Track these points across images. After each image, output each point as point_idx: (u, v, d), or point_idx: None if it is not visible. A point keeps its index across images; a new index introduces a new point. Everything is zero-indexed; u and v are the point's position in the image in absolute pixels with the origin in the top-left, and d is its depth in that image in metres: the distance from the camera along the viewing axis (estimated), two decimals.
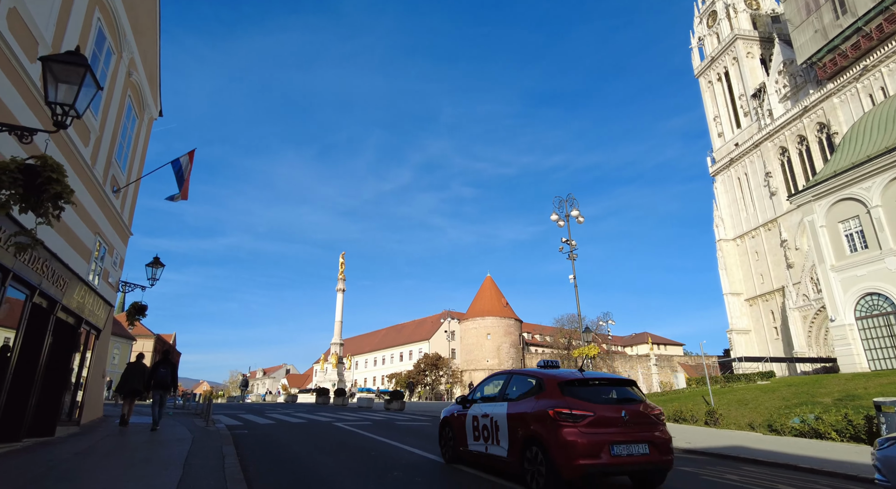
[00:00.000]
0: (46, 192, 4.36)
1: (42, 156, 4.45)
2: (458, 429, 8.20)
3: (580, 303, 32.73)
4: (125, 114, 12.63)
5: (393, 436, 11.56)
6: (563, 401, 6.25)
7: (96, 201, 11.09)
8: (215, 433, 10.93)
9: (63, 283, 8.86)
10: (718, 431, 13.70)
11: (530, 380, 7.17)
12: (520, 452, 6.55)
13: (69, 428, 10.35)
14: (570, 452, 5.88)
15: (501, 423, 6.99)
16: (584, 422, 6.04)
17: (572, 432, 5.97)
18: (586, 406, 6.17)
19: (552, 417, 6.14)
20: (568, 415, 6.08)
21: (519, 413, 6.75)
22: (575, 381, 6.57)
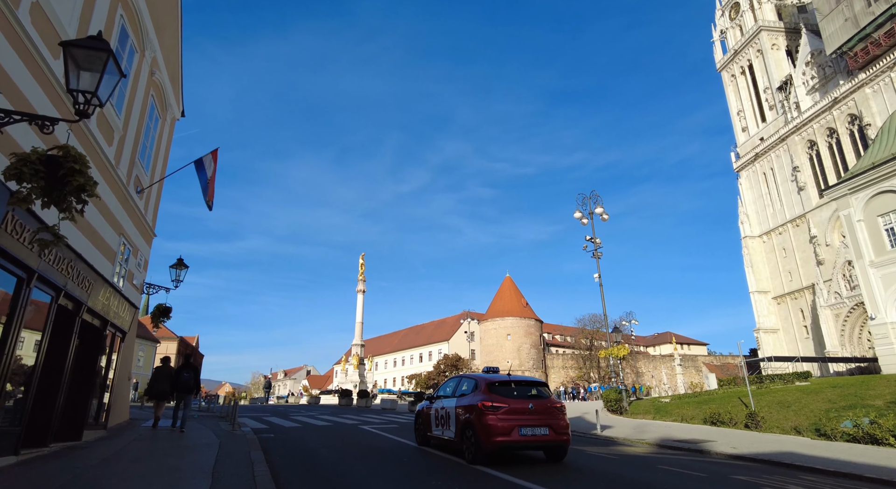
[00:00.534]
0: (69, 185, 4.07)
1: (64, 146, 4.18)
2: (425, 419, 10.58)
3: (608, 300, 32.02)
4: (148, 113, 12.50)
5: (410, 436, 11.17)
6: (489, 397, 8.57)
7: (120, 202, 10.95)
8: (242, 437, 10.70)
9: (88, 285, 8.68)
10: (761, 435, 13.04)
11: (472, 382, 9.52)
12: (461, 434, 8.83)
13: (96, 432, 10.20)
14: (489, 432, 8.14)
15: (452, 414, 9.34)
16: (500, 411, 8.30)
17: (492, 418, 8.22)
18: (504, 400, 8.50)
19: (480, 408, 8.42)
20: (490, 406, 8.36)
21: (462, 405, 9.04)
22: (498, 383, 8.98)
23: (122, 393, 12.91)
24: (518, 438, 8.17)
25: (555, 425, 8.51)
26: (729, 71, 70.11)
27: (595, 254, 31.80)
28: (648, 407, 20.54)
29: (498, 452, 8.27)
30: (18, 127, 5.63)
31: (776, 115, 61.56)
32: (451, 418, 9.28)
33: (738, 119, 68.69)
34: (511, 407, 8.39)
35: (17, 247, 6.18)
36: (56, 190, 4.12)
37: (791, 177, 58.28)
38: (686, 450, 11.01)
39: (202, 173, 12.56)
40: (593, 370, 67.50)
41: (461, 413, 8.93)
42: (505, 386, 8.93)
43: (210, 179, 12.49)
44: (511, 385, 9.01)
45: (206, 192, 12.55)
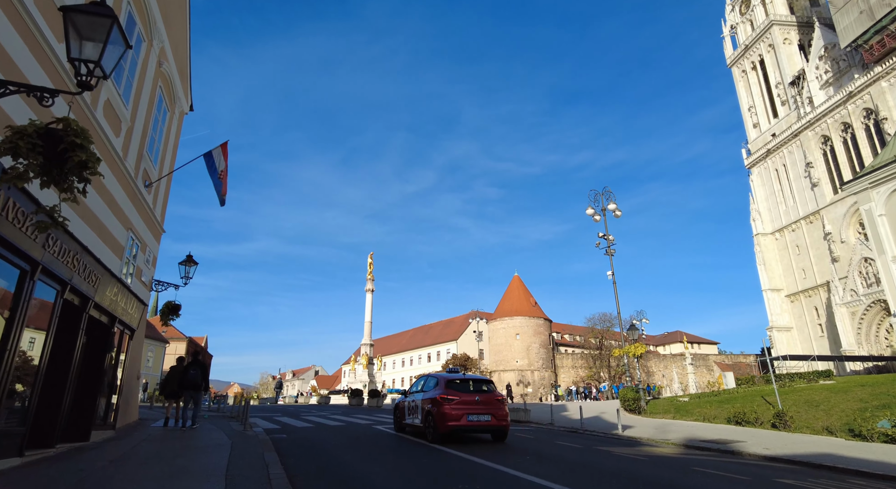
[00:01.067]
0: (69, 161, 3.70)
1: (64, 118, 3.79)
2: (401, 411, 12.93)
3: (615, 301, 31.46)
4: (156, 105, 12.18)
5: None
6: (446, 391, 10.87)
7: (128, 195, 10.62)
8: (254, 438, 10.34)
9: (95, 279, 8.34)
10: (791, 436, 12.52)
11: (434, 380, 11.84)
12: (425, 420, 11.01)
13: (104, 432, 9.87)
14: (444, 418, 10.36)
15: (419, 405, 11.56)
16: (453, 402, 10.59)
17: (447, 407, 10.47)
18: (457, 394, 10.82)
19: (438, 400, 10.68)
20: (446, 399, 10.63)
21: (426, 398, 11.29)
22: (454, 380, 11.36)
23: (130, 392, 12.60)
24: (466, 423, 10.53)
25: (496, 413, 10.89)
26: (739, 66, 69.18)
27: (608, 251, 31.31)
28: (667, 406, 20.03)
29: (450, 434, 10.58)
30: (12, 101, 5.27)
31: (788, 111, 60.65)
32: (419, 409, 11.60)
33: (749, 115, 67.74)
34: (462, 399, 10.77)
35: (19, 237, 5.84)
36: (56, 167, 3.75)
37: (804, 173, 57.37)
38: (716, 451, 10.53)
39: (212, 167, 12.21)
40: (603, 369, 66.81)
41: (425, 404, 11.21)
42: (459, 383, 11.37)
43: (221, 174, 12.13)
44: (463, 383, 11.42)
45: (220, 187, 12.19)
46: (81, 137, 3.73)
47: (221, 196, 12.25)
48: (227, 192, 12.35)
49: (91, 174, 3.92)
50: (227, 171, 12.24)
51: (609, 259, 31.23)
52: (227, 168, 12.33)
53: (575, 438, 12.76)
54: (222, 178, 12.25)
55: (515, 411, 17.89)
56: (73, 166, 3.73)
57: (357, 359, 45.89)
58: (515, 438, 12.08)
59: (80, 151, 3.71)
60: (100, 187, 8.96)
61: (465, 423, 10.49)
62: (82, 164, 3.75)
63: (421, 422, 11.31)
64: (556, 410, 18.61)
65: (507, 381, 69.54)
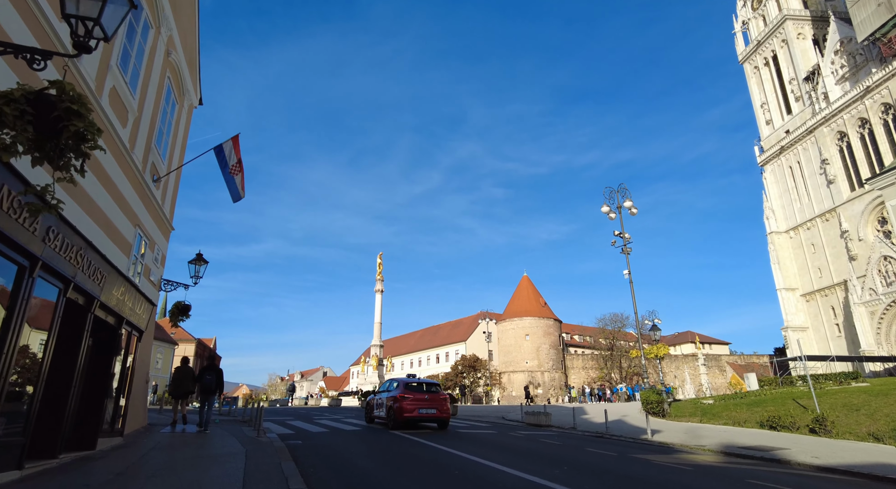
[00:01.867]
0: (65, 131, 3.13)
1: (57, 81, 3.22)
2: (370, 406, 16.50)
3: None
4: (164, 96, 11.66)
5: (466, 448, 10.16)
6: (404, 391, 14.20)
7: (135, 189, 10.10)
8: (268, 445, 9.77)
9: (101, 277, 7.81)
10: (836, 442, 11.81)
11: (396, 383, 15.26)
12: (387, 413, 14.29)
13: (112, 439, 9.34)
14: (401, 411, 13.64)
15: (384, 402, 14.90)
16: (409, 400, 13.90)
17: (404, 403, 13.77)
18: (412, 393, 14.19)
19: (398, 398, 13.94)
20: (404, 397, 13.94)
21: (389, 397, 14.58)
22: (410, 384, 14.82)
23: (139, 396, 12.08)
24: (418, 414, 13.97)
25: (440, 408, 14.39)
26: (751, 62, 68.10)
27: (624, 249, 30.59)
28: (691, 409, 19.31)
29: (405, 422, 13.93)
30: None
31: (803, 107, 59.56)
32: (384, 404, 15.05)
33: (761, 112, 66.65)
34: (415, 397, 14.24)
35: (16, 230, 5.30)
36: (49, 140, 3.18)
37: (819, 170, 56.28)
38: (759, 459, 9.87)
39: (223, 162, 11.67)
40: (615, 370, 65.92)
41: (388, 401, 14.63)
42: (415, 386, 14.93)
43: (233, 168, 11.58)
44: (418, 385, 15.06)
45: (233, 182, 11.63)
46: (78, 103, 3.16)
47: (238, 191, 11.68)
48: (244, 187, 11.76)
49: (90, 148, 3.35)
50: (241, 166, 11.67)
51: (626, 257, 30.55)
52: (242, 162, 11.76)
53: (604, 444, 12.10)
54: (234, 172, 11.69)
55: (535, 415, 17.26)
56: (70, 137, 3.16)
57: (367, 361, 45.39)
58: (542, 445, 11.46)
59: (77, 119, 3.14)
60: (105, 180, 8.43)
61: (417, 415, 14.01)
62: (79, 134, 3.18)
63: (385, 414, 14.84)
64: (576, 413, 17.95)
65: (517, 382, 68.86)
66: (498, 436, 13.38)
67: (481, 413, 25.42)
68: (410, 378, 15.89)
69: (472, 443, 11.12)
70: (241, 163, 11.64)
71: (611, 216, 31.29)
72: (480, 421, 19.28)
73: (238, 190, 11.65)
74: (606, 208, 31.67)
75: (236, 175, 11.56)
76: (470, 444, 10.87)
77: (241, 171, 11.58)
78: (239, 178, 11.54)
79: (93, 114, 3.35)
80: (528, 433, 14.37)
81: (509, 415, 22.14)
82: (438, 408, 14.28)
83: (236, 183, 11.60)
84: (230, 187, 11.75)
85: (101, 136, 3.40)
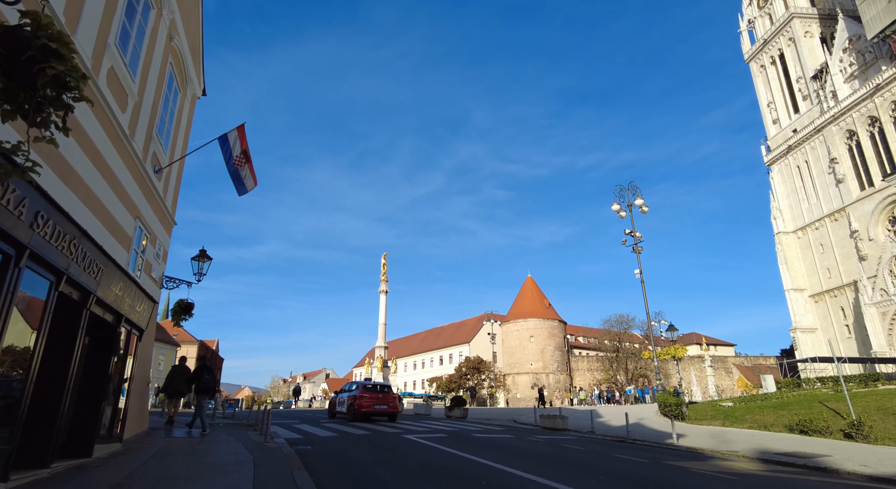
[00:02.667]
0: (42, 76, 2.52)
1: (32, 13, 2.59)
2: (333, 404, 21.05)
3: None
4: (167, 83, 11.07)
5: (488, 455, 9.52)
6: (361, 391, 18.65)
7: (135, 179, 9.51)
8: (277, 451, 9.15)
9: (97, 270, 7.20)
10: (880, 449, 11.13)
11: (355, 385, 19.82)
12: (348, 409, 18.57)
13: (110, 445, 8.72)
14: (360, 407, 17.98)
15: (346, 400, 19.21)
16: (366, 398, 18.30)
17: (361, 401, 18.13)
18: (367, 393, 18.54)
19: (357, 397, 18.35)
20: (361, 396, 18.33)
21: (350, 396, 18.89)
22: (367, 386, 19.38)
23: (139, 399, 11.45)
24: (372, 410, 18.08)
25: (391, 404, 18.75)
26: (758, 61, 67.48)
27: (635, 248, 29.92)
28: (711, 412, 18.64)
29: (363, 416, 17.99)
30: None
31: (810, 106, 58.93)
32: (345, 402, 19.32)
33: (768, 111, 66.01)
34: (371, 396, 18.39)
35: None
36: (23, 89, 2.57)
37: (828, 169, 55.62)
38: (802, 467, 9.22)
39: (227, 153, 11.06)
40: (620, 372, 65.15)
41: (349, 399, 18.86)
42: (370, 387, 19.23)
43: (238, 159, 10.96)
44: (373, 387, 19.40)
45: (237, 174, 11.01)
46: (58, 41, 2.54)
47: (243, 184, 11.05)
48: (255, 176, 11.14)
49: (75, 98, 2.73)
50: (248, 156, 11.03)
51: (637, 257, 29.90)
52: (249, 152, 11.13)
53: (631, 450, 11.46)
54: (239, 164, 11.07)
55: (551, 418, 16.60)
56: (48, 84, 2.54)
57: (370, 362, 44.73)
58: (567, 451, 10.82)
59: (57, 61, 2.52)
60: (103, 167, 7.84)
61: (372, 410, 18.31)
62: (59, 80, 2.56)
63: (346, 410, 19.17)
64: (591, 416, 17.29)
65: (521, 384, 68.09)
66: (516, 441, 12.72)
67: (491, 416, 24.75)
68: (367, 381, 21.31)
69: (493, 450, 10.48)
70: (248, 153, 11.02)
71: (621, 214, 30.63)
72: (492, 424, 18.64)
73: (243, 182, 11.02)
74: (617, 206, 31.03)
75: (241, 166, 10.93)
76: (491, 451, 10.23)
77: (249, 161, 10.95)
78: (246, 169, 10.91)
79: (76, 58, 2.73)
80: (546, 438, 13.71)
81: (520, 418, 21.48)
82: (389, 405, 18.99)
83: (241, 175, 10.97)
84: (234, 180, 11.12)
85: (85, 84, 2.78)
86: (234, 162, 11.09)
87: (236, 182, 11.11)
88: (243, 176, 10.95)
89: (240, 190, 11.19)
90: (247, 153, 10.97)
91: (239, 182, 10.97)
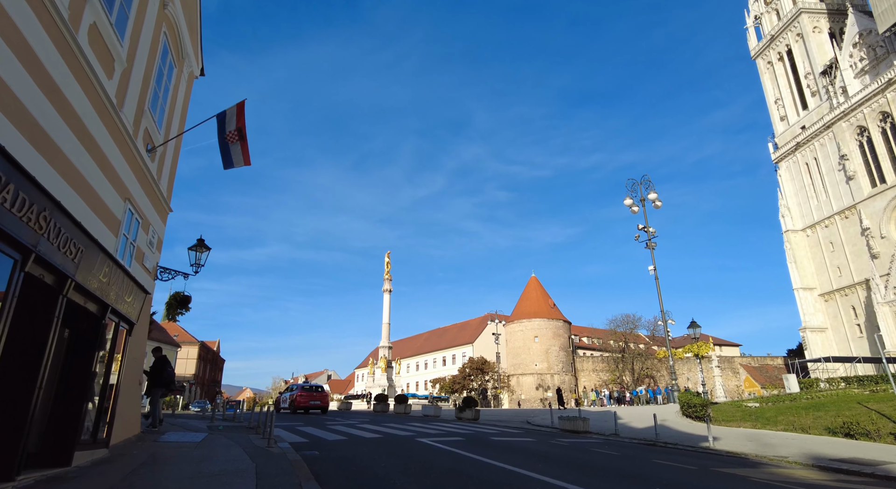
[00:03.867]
0: None
1: None
2: (278, 402, 30.58)
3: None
4: (160, 54, 10.12)
5: (516, 461, 8.55)
6: (299, 390, 27.59)
7: (125, 156, 8.55)
8: (281, 457, 8.19)
9: (76, 251, 6.24)
10: None
11: (297, 386, 29.92)
12: (290, 404, 27.15)
13: (94, 452, 7.76)
14: (298, 402, 26.25)
15: (288, 398, 28.37)
16: (303, 396, 26.62)
17: (299, 397, 26.47)
18: (304, 392, 26.98)
19: (297, 395, 26.82)
20: (300, 394, 26.79)
21: (291, 395, 27.95)
22: (304, 387, 28.38)
23: (130, 400, 10.47)
24: (308, 404, 25.74)
25: (322, 400, 26.61)
26: (765, 58, 66.61)
27: (649, 244, 28.97)
28: (735, 412, 17.66)
29: (301, 408, 25.56)
30: None
31: (819, 102, 58.01)
32: (288, 399, 27.60)
33: (775, 108, 65.10)
34: (307, 394, 26.39)
35: None
36: None
37: (838, 166, 54.67)
38: (870, 476, 8.24)
39: (221, 127, 10.12)
40: (626, 373, 64.09)
41: (290, 397, 27.17)
42: (308, 388, 27.52)
43: (231, 135, 10.02)
44: (310, 388, 27.69)
45: (227, 149, 10.08)
46: None
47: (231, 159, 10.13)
48: (248, 156, 10.17)
49: None
50: (244, 133, 10.08)
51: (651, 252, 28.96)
52: (245, 130, 10.18)
53: (669, 455, 10.49)
54: (231, 139, 10.14)
55: (572, 420, 15.60)
56: None
57: (376, 363, 43.73)
58: (600, 456, 9.85)
59: None
60: (86, 137, 6.90)
61: (308, 404, 25.63)
62: None
63: (288, 405, 27.12)
64: (609, 418, 16.33)
65: (526, 385, 66.95)
66: (540, 445, 11.75)
67: (502, 417, 23.76)
68: (305, 383, 30.18)
69: (520, 455, 9.51)
70: (244, 131, 10.07)
71: (634, 209, 29.69)
72: (507, 427, 17.61)
73: (231, 157, 10.09)
74: (629, 201, 30.10)
75: (233, 142, 10.01)
76: (518, 456, 9.26)
77: (243, 139, 10.01)
78: (238, 147, 9.99)
79: None
80: (570, 441, 12.73)
81: (534, 419, 20.50)
82: (321, 401, 26.68)
83: (231, 150, 10.05)
84: (223, 153, 10.19)
85: None
86: (227, 137, 10.16)
87: (224, 155, 10.18)
88: (233, 151, 10.03)
89: (226, 163, 10.24)
90: (242, 131, 10.02)
91: (227, 156, 10.05)
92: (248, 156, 9.98)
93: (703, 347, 18.31)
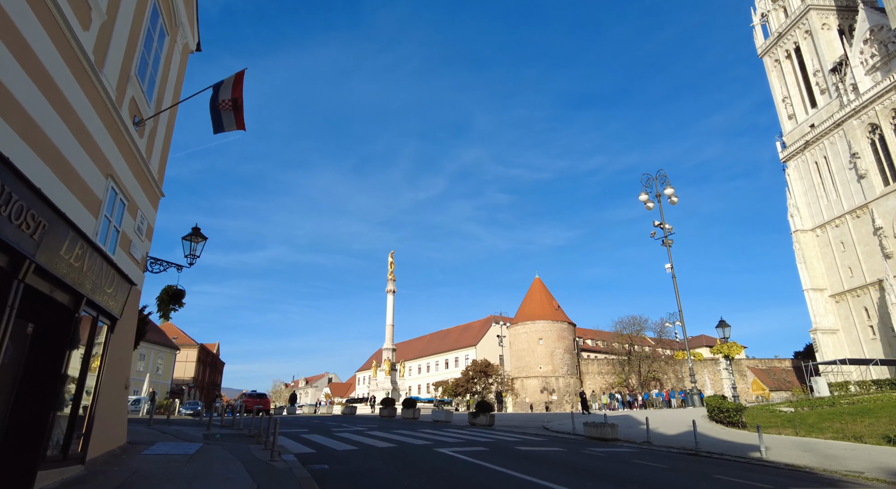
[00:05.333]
0: None
1: None
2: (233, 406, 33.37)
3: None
4: (149, 16, 8.96)
5: (556, 477, 7.37)
6: (248, 397, 40.55)
7: (106, 126, 7.38)
8: (287, 474, 7.00)
9: (37, 226, 5.06)
10: None
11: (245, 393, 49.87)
12: (240, 408, 30.53)
13: (65, 469, 6.55)
14: (247, 406, 35.13)
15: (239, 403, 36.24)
16: (249, 401, 37.70)
17: (247, 402, 37.18)
18: (252, 398, 39.64)
19: (245, 400, 38.71)
20: (248, 400, 38.58)
21: (243, 400, 39.68)
22: (252, 394, 43.25)
23: (113, 407, 9.24)
24: (255, 408, 34.88)
25: (265, 404, 38.09)
26: (772, 56, 65.57)
27: (665, 241, 27.89)
28: (769, 418, 16.48)
29: (249, 411, 33.08)
30: None
31: (829, 100, 56.94)
32: (240, 404, 33.26)
33: (783, 106, 64.04)
34: (254, 400, 37.53)
35: None
36: None
37: (849, 164, 53.55)
38: None
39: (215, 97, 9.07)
40: (632, 375, 62.84)
41: (242, 402, 35.44)
42: (255, 395, 40.91)
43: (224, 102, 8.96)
44: (257, 395, 41.37)
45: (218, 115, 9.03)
46: None
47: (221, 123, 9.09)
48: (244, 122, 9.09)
49: None
50: (239, 105, 8.98)
51: (667, 250, 27.82)
52: (241, 101, 9.08)
53: (725, 468, 9.30)
54: (224, 107, 9.06)
55: (599, 427, 14.36)
56: None
57: (376, 366, 42.47)
58: (649, 470, 8.65)
59: None
60: (53, 93, 5.73)
61: (255, 407, 34.35)
62: None
63: (239, 407, 29.09)
64: (634, 424, 15.13)
65: (530, 388, 65.65)
66: (572, 455, 10.54)
67: (516, 423, 22.50)
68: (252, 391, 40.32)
69: (560, 470, 8.33)
70: (240, 102, 8.98)
71: (648, 206, 28.61)
72: (526, 433, 16.36)
73: (222, 122, 9.06)
74: (644, 197, 29.00)
75: (226, 110, 8.94)
76: (559, 472, 8.07)
77: (238, 109, 8.95)
78: (230, 115, 8.95)
79: None
80: (604, 451, 11.53)
81: (551, 424, 19.27)
82: (264, 404, 36.40)
83: (222, 116, 9.00)
84: (213, 118, 9.15)
85: None
86: (220, 105, 9.09)
87: (215, 120, 9.13)
88: (224, 117, 8.97)
89: (216, 128, 9.19)
90: (238, 101, 8.93)
91: (218, 121, 8.99)
92: (242, 121, 8.91)
93: (733, 348, 17.18)
